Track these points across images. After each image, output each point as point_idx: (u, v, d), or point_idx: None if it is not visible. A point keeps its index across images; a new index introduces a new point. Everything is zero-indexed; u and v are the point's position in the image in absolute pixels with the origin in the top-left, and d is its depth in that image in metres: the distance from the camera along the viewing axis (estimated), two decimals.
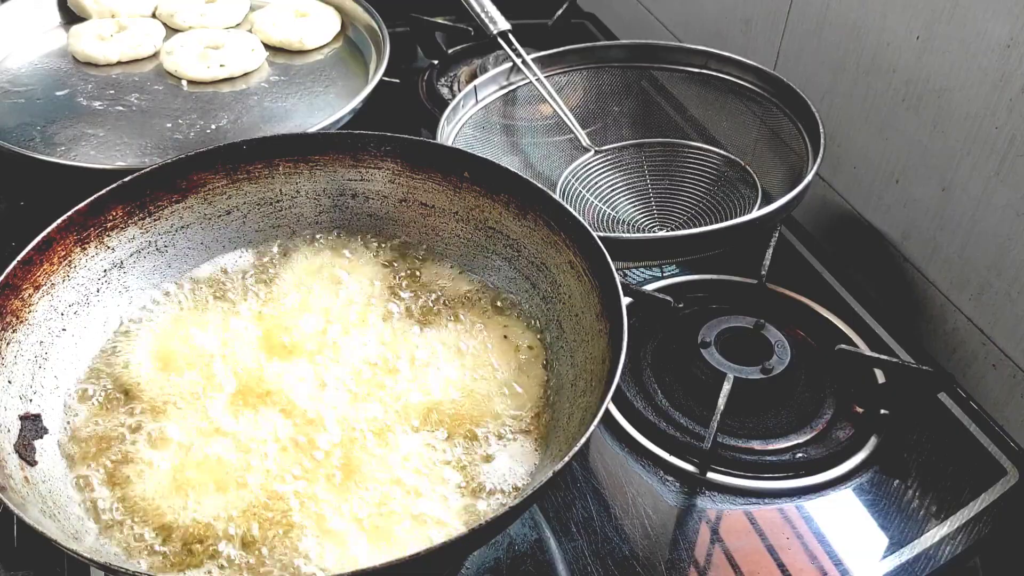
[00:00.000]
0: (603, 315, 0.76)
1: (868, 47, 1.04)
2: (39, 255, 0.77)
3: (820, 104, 1.10)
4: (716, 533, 0.82)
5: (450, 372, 0.81)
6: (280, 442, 0.75)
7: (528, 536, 0.81)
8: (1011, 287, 0.91)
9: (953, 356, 1.00)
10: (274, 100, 1.27)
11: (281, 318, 0.85)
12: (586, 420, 0.69)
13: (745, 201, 1.08)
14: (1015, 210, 0.89)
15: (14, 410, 0.72)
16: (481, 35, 1.25)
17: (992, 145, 0.90)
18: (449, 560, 0.75)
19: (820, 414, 0.92)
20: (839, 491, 0.86)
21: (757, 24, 1.23)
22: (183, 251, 0.89)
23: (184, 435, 0.75)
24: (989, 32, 0.88)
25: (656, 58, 1.20)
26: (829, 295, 1.06)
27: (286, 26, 1.39)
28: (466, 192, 0.90)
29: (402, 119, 1.37)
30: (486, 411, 0.78)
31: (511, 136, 1.18)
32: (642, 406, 0.92)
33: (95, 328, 0.82)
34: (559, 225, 0.83)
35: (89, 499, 0.71)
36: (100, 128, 1.18)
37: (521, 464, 0.75)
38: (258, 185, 0.91)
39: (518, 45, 1.18)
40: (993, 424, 0.93)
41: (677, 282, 1.06)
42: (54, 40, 1.37)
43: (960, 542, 0.82)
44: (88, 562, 0.58)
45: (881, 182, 1.06)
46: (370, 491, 0.71)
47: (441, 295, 0.89)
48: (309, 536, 0.69)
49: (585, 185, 1.13)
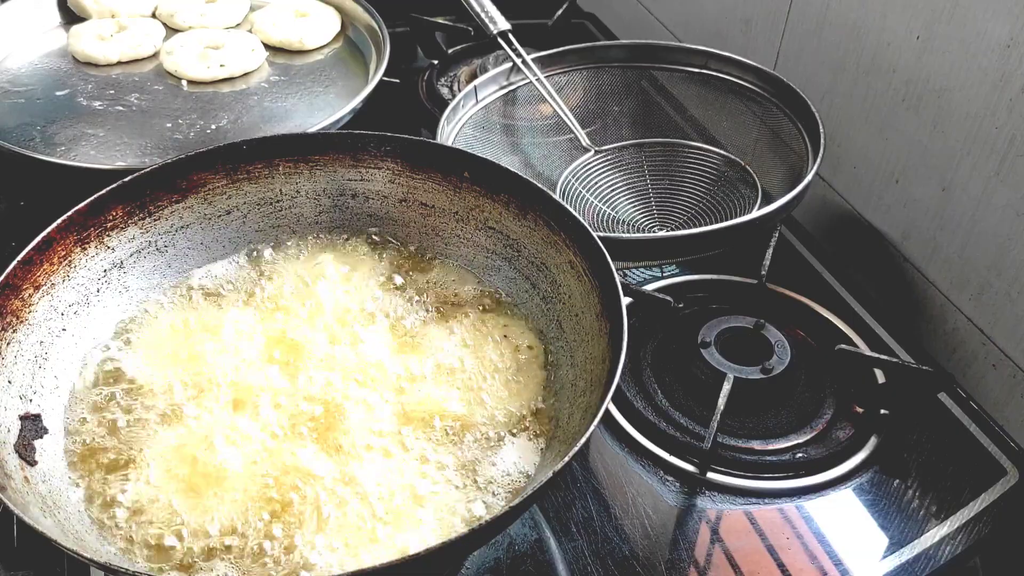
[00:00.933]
0: (603, 315, 0.76)
1: (868, 47, 1.04)
2: (39, 255, 0.77)
3: (820, 104, 1.10)
4: (716, 533, 0.82)
5: (450, 372, 0.81)
6: (280, 442, 0.75)
7: (528, 536, 0.81)
8: (1011, 287, 0.91)
9: (953, 356, 1.00)
10: (274, 100, 1.27)
11: (281, 318, 0.85)
12: (586, 420, 0.69)
13: (745, 201, 1.08)
14: (1015, 210, 0.89)
15: (14, 410, 0.72)
16: (481, 35, 1.25)
17: (992, 145, 0.90)
18: (449, 560, 0.75)
19: (820, 414, 0.92)
20: (839, 491, 0.86)
21: (757, 24, 1.23)
22: (183, 251, 0.89)
23: (184, 435, 0.75)
24: (989, 32, 0.88)
25: (656, 58, 1.20)
26: (829, 295, 1.06)
27: (286, 26, 1.39)
28: (466, 192, 0.90)
29: (402, 119, 1.37)
30: (486, 411, 0.78)
31: (511, 136, 1.18)
32: (642, 406, 0.92)
33: (95, 328, 0.82)
34: (559, 225, 0.83)
35: (89, 499, 0.71)
36: (100, 128, 1.18)
37: (521, 464, 0.75)
38: (258, 185, 0.91)
39: (518, 45, 1.18)
40: (993, 424, 0.93)
41: (677, 282, 1.06)
42: (54, 40, 1.37)
43: (960, 542, 0.82)
44: (88, 562, 0.58)
45: (881, 182, 1.06)
46: (369, 491, 0.71)
47: (441, 295, 0.89)
48: (309, 536, 0.69)
49: (585, 185, 1.13)
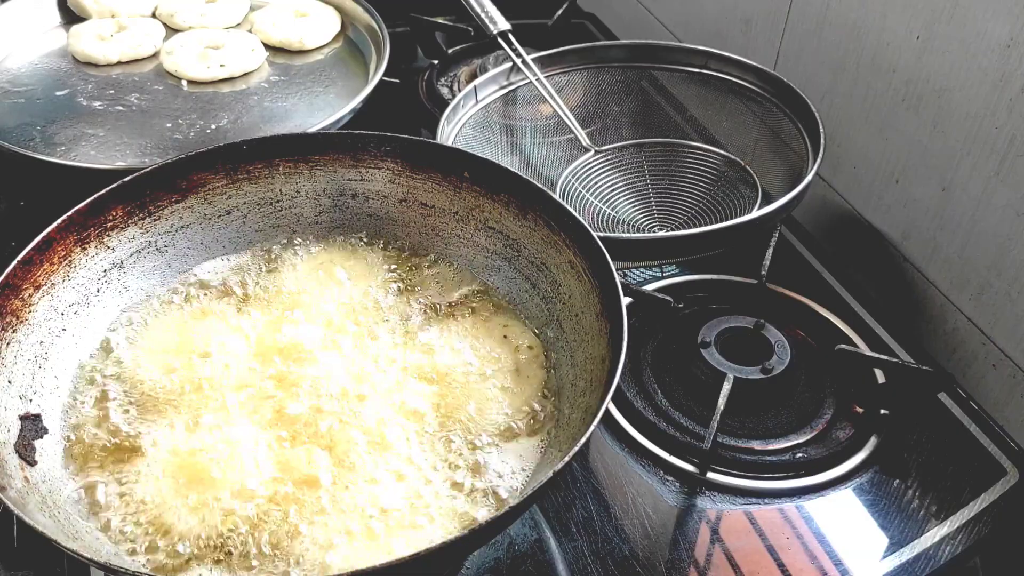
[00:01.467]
0: (603, 315, 0.76)
1: (868, 47, 1.04)
2: (39, 255, 0.77)
3: (820, 104, 1.10)
4: (716, 533, 0.82)
5: (450, 372, 0.81)
6: (279, 442, 0.75)
7: (528, 536, 0.81)
8: (1011, 287, 0.91)
9: (953, 356, 1.00)
10: (274, 100, 1.27)
11: (281, 318, 0.85)
12: (586, 420, 0.69)
13: (745, 201, 1.08)
14: (1015, 210, 0.89)
15: (14, 410, 0.72)
16: (481, 35, 1.25)
17: (992, 145, 0.90)
18: (449, 560, 0.75)
19: (820, 414, 0.92)
20: (839, 491, 0.86)
21: (757, 24, 1.23)
22: (183, 251, 0.89)
23: (184, 435, 0.75)
24: (989, 32, 0.88)
25: (656, 58, 1.20)
26: (829, 295, 1.06)
27: (286, 26, 1.39)
28: (466, 192, 0.90)
29: (402, 119, 1.37)
30: (486, 411, 0.78)
31: (511, 136, 1.18)
32: (642, 406, 0.92)
33: (95, 328, 0.82)
34: (559, 225, 0.83)
35: (89, 499, 0.71)
36: (100, 128, 1.18)
37: (521, 464, 0.75)
38: (258, 185, 0.91)
39: (518, 45, 1.18)
40: (993, 424, 0.93)
41: (677, 282, 1.06)
42: (54, 40, 1.37)
43: (960, 542, 0.82)
44: (88, 562, 0.58)
45: (881, 182, 1.06)
46: (370, 492, 0.71)
47: (441, 295, 0.89)
48: (308, 536, 0.69)
49: (585, 185, 1.13)
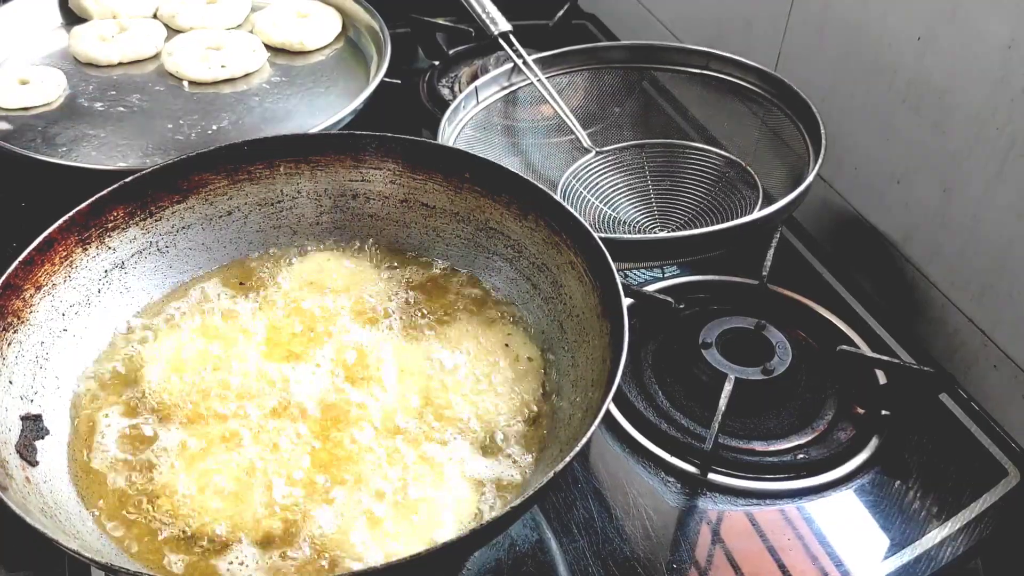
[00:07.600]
0: (604, 316, 0.76)
1: (869, 48, 1.04)
2: (40, 255, 0.78)
3: (821, 105, 1.09)
4: (717, 534, 0.82)
5: (450, 372, 0.81)
6: (280, 443, 0.75)
7: (529, 537, 0.81)
8: (1012, 288, 0.91)
9: (954, 357, 1.00)
10: (275, 101, 1.27)
11: (282, 319, 0.85)
12: (587, 420, 0.69)
13: (746, 202, 1.08)
14: (1016, 211, 0.89)
15: (15, 410, 0.72)
16: (482, 36, 1.25)
17: (993, 146, 0.90)
18: (450, 560, 0.75)
19: (821, 415, 0.92)
20: (840, 492, 0.86)
21: (758, 25, 1.23)
22: (184, 252, 0.89)
23: (184, 436, 0.75)
24: (990, 33, 0.88)
25: (657, 59, 1.20)
26: (830, 296, 1.06)
27: (287, 27, 1.39)
28: (467, 193, 0.90)
29: (403, 120, 1.37)
30: (486, 411, 0.78)
31: (512, 137, 1.18)
32: (643, 407, 0.92)
33: (96, 328, 0.82)
34: (560, 226, 0.83)
35: (90, 499, 0.71)
36: (101, 129, 1.18)
37: (521, 464, 0.75)
38: (259, 186, 0.91)
39: (519, 46, 1.18)
40: (994, 425, 0.93)
41: (678, 283, 1.06)
42: (55, 41, 1.38)
43: (961, 543, 0.82)
44: (88, 562, 0.58)
45: (882, 183, 1.06)
46: (370, 492, 0.71)
47: (442, 295, 0.89)
48: (310, 537, 0.69)
49: (586, 186, 1.13)
